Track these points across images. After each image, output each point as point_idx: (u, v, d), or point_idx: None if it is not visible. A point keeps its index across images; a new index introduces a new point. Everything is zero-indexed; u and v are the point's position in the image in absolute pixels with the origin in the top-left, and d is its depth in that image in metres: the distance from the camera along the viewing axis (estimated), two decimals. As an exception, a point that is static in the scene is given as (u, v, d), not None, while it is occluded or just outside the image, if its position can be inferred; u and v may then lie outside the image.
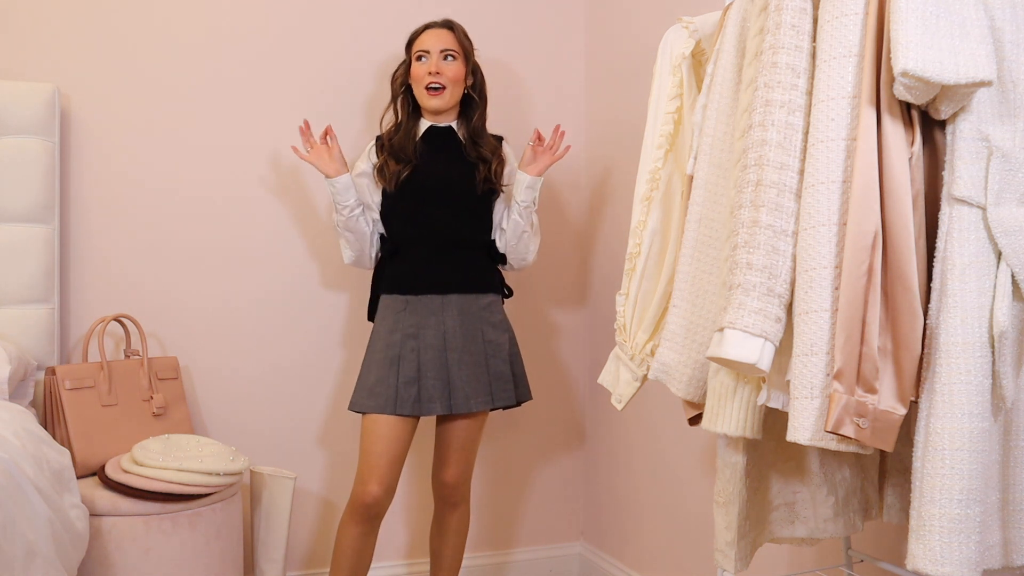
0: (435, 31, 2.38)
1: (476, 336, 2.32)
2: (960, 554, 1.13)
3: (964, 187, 1.18)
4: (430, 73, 2.33)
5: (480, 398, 2.30)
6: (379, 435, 2.24)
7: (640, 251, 1.68)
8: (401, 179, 2.34)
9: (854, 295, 1.18)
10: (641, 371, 1.69)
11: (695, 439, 2.44)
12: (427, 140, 2.39)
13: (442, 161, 2.38)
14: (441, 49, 2.34)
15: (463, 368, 2.29)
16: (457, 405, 2.28)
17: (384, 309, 2.36)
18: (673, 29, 1.69)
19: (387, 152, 2.37)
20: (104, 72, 2.57)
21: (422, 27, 2.41)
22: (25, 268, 2.36)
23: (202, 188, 2.66)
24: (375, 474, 2.23)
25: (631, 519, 2.79)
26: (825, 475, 1.57)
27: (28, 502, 1.68)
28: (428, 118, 2.41)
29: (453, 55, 2.35)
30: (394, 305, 2.34)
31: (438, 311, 2.31)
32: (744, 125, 1.32)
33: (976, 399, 1.15)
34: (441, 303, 2.32)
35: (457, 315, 2.31)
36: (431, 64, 2.33)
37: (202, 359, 2.66)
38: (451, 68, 2.34)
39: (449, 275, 2.33)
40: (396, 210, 2.38)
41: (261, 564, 2.47)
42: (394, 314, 2.32)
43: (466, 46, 2.39)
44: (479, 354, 2.31)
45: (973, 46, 1.15)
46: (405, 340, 2.28)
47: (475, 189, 2.35)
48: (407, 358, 2.27)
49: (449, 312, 2.31)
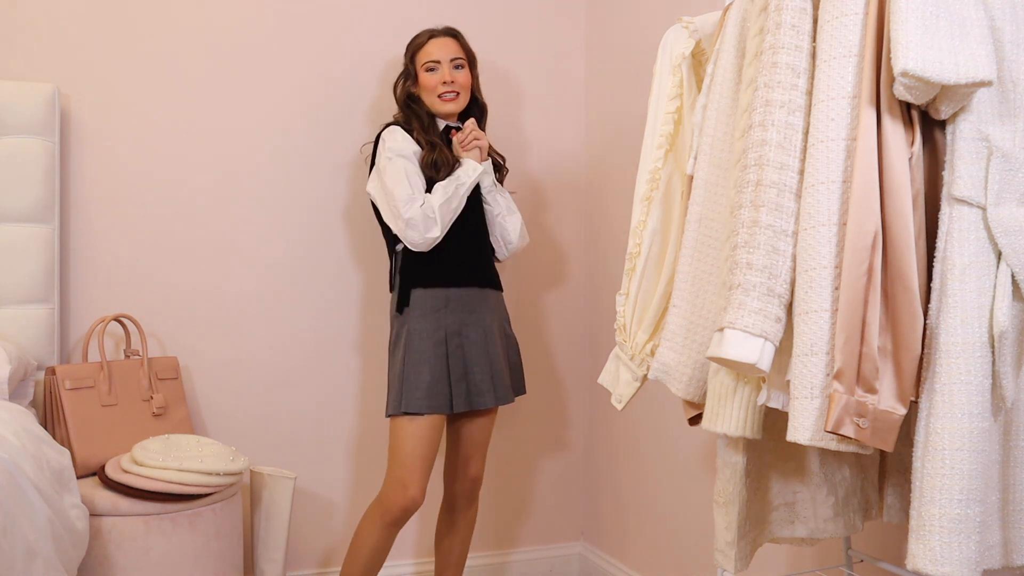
0: (441, 40, 2.40)
1: (503, 329, 2.40)
2: (960, 554, 1.13)
3: (964, 187, 1.18)
4: (444, 83, 2.35)
5: (511, 390, 2.38)
6: (419, 437, 2.21)
7: (640, 251, 1.68)
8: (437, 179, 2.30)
9: (854, 295, 1.18)
10: (641, 371, 1.69)
11: (695, 439, 2.44)
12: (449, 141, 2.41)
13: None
14: (451, 59, 2.38)
15: (500, 361, 2.34)
16: (502, 396, 2.33)
17: (422, 306, 2.28)
18: (673, 29, 1.69)
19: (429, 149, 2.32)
20: (104, 72, 2.57)
21: (425, 37, 2.41)
22: (25, 268, 2.36)
23: (202, 188, 2.66)
24: (416, 477, 2.21)
25: (631, 519, 2.79)
26: (825, 475, 1.57)
27: (28, 502, 1.68)
28: (440, 118, 2.43)
29: (461, 63, 2.40)
30: (433, 302, 2.28)
31: (479, 305, 2.33)
32: (744, 125, 1.32)
33: (976, 399, 1.15)
34: (481, 296, 2.35)
35: (491, 309, 2.37)
36: (443, 75, 2.36)
37: (202, 359, 2.66)
38: (462, 76, 2.39)
39: (483, 269, 2.38)
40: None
41: (261, 564, 2.47)
42: (434, 312, 2.28)
43: (470, 52, 2.45)
44: (504, 347, 2.39)
45: (973, 46, 1.15)
46: (451, 337, 2.27)
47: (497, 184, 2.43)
48: (454, 355, 2.27)
49: (486, 306, 2.35)
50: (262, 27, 2.72)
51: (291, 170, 2.74)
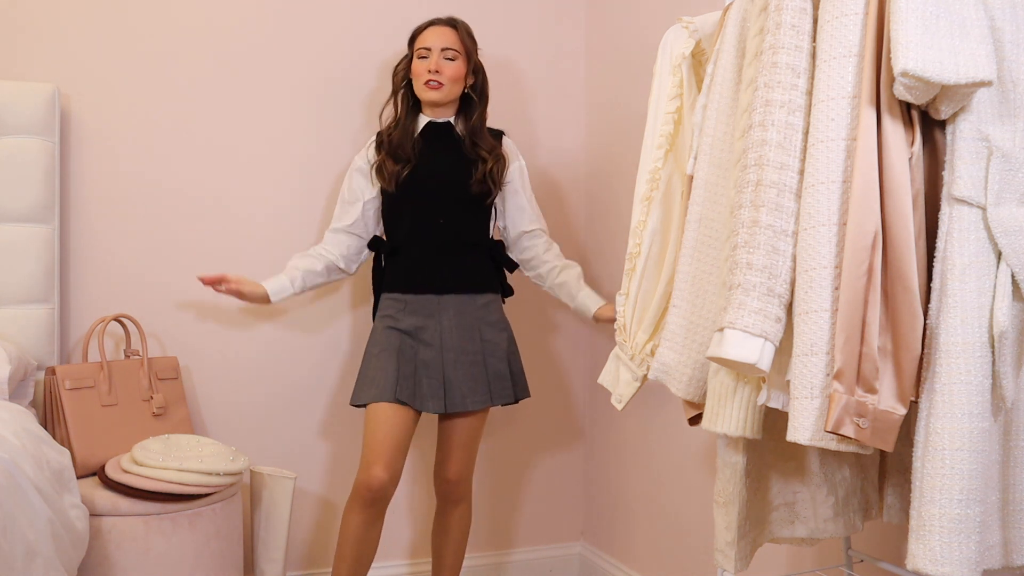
0: (438, 29, 2.38)
1: (474, 336, 2.34)
2: (960, 554, 1.13)
3: (964, 187, 1.18)
4: (430, 71, 2.33)
5: (477, 397, 2.32)
6: (381, 421, 2.24)
7: (640, 251, 1.68)
8: (401, 179, 2.35)
9: (854, 295, 1.18)
10: (641, 371, 1.69)
11: (695, 439, 2.44)
12: (426, 136, 2.40)
13: (441, 160, 2.38)
14: (443, 47, 2.35)
15: (459, 368, 2.30)
16: (453, 404, 2.30)
17: (384, 308, 2.38)
18: (673, 29, 1.69)
19: (386, 150, 2.38)
20: (104, 72, 2.57)
21: (426, 23, 2.41)
22: (25, 268, 2.36)
23: (203, 188, 2.66)
24: (380, 458, 2.21)
25: (631, 519, 2.79)
26: (825, 475, 1.57)
27: (28, 502, 1.68)
28: (427, 113, 2.42)
29: (454, 54, 2.36)
30: (393, 304, 2.36)
31: (435, 312, 2.33)
32: (744, 125, 1.32)
33: (976, 399, 1.15)
34: (438, 303, 2.33)
35: (454, 315, 2.33)
36: (432, 62, 2.34)
37: (202, 359, 2.66)
38: (451, 67, 2.35)
39: (446, 275, 2.34)
40: (395, 210, 2.39)
41: (261, 564, 2.47)
42: (393, 313, 2.35)
43: (468, 45, 2.39)
44: (476, 353, 2.33)
45: (973, 46, 1.15)
46: (403, 338, 2.31)
47: (472, 188, 2.36)
48: (405, 354, 2.29)
49: (446, 312, 2.33)
50: (263, 27, 2.72)
51: (291, 170, 2.74)
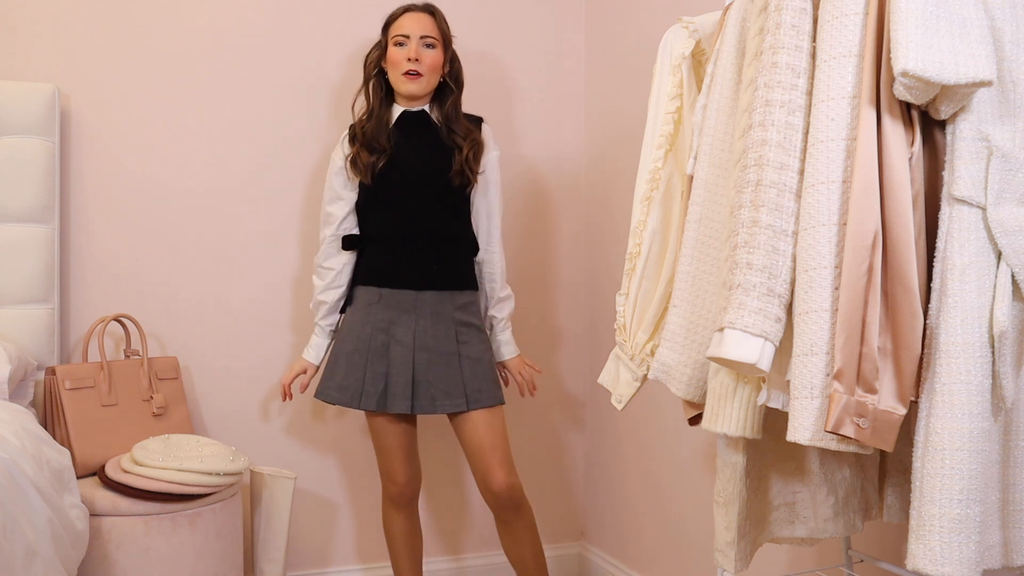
0: (415, 15, 2.31)
1: (449, 336, 2.27)
2: (960, 554, 1.13)
3: (964, 187, 1.18)
4: (409, 59, 2.26)
5: (453, 400, 2.24)
6: (381, 431, 2.33)
7: (640, 251, 1.68)
8: (377, 170, 2.28)
9: (854, 295, 1.18)
10: (641, 371, 1.69)
11: (695, 439, 2.44)
12: (400, 126, 2.34)
13: (418, 150, 2.32)
14: (421, 35, 2.28)
15: (431, 369, 2.24)
16: (421, 406, 2.24)
17: (358, 300, 2.32)
18: (673, 29, 1.69)
19: (359, 142, 2.31)
20: (104, 72, 2.57)
21: (401, 9, 2.34)
22: (25, 268, 2.36)
23: (202, 187, 2.66)
24: (393, 468, 2.35)
25: (631, 519, 2.79)
26: (825, 475, 1.57)
27: (28, 502, 1.68)
28: (401, 103, 2.35)
29: (433, 42, 2.29)
30: (368, 297, 2.30)
31: (411, 308, 2.27)
32: (744, 125, 1.32)
33: (976, 399, 1.15)
34: (415, 299, 2.27)
35: (430, 314, 2.27)
36: (410, 50, 2.26)
37: (202, 359, 2.66)
38: (430, 56, 2.29)
39: (425, 270, 2.28)
40: (372, 202, 2.32)
41: (261, 564, 2.47)
42: (366, 306, 2.29)
43: (446, 32, 2.33)
44: (451, 355, 2.26)
45: (973, 46, 1.14)
46: (376, 334, 2.25)
47: (452, 180, 2.29)
48: (378, 352, 2.24)
49: (422, 310, 2.27)
50: (264, 29, 2.72)
51: (291, 170, 2.74)
